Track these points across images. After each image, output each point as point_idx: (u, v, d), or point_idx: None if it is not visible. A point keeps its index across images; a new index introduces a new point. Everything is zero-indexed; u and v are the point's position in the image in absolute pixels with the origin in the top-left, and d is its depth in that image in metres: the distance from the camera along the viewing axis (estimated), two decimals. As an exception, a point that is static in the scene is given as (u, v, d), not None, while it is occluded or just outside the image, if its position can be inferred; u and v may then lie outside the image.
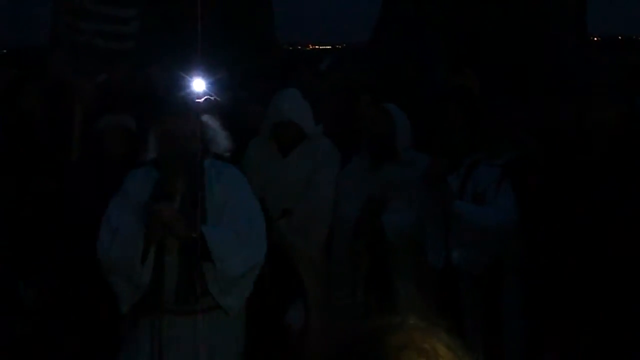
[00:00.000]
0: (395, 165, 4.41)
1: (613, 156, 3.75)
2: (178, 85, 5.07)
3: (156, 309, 3.45)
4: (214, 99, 4.85)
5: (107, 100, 5.05)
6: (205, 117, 3.69)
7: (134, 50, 5.30)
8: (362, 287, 4.36)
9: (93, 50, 5.04)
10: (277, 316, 4.01)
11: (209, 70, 5.13)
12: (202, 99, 4.81)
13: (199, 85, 4.88)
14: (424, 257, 4.24)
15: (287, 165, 4.58)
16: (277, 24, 9.70)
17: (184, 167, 3.48)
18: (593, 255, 3.63)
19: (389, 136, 4.38)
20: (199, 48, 4.56)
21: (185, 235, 3.41)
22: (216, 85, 5.12)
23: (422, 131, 4.74)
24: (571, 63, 6.73)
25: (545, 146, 4.19)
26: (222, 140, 3.72)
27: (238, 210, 3.62)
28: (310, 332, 4.15)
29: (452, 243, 4.07)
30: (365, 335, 1.14)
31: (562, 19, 7.38)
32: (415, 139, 4.53)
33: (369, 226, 4.32)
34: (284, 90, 4.66)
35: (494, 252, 4.01)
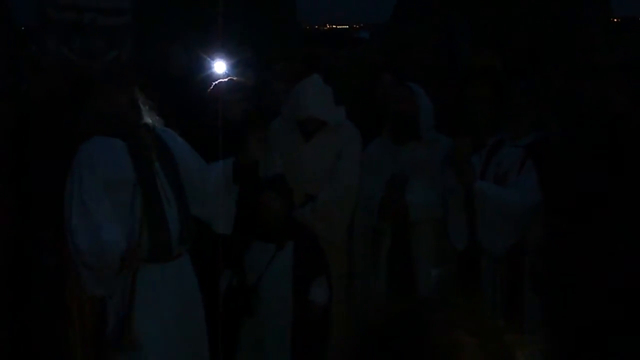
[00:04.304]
0: (417, 144, 4.40)
1: (635, 138, 3.74)
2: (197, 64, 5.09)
3: (162, 257, 3.65)
4: (236, 78, 4.85)
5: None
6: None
7: (133, 25, 5.30)
8: (384, 266, 4.38)
9: (96, 28, 5.04)
10: (301, 292, 4.04)
11: (229, 50, 5.14)
12: (225, 79, 4.83)
13: (220, 64, 4.89)
14: (446, 237, 4.26)
15: (309, 150, 4.55)
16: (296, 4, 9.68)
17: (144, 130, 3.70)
18: (613, 238, 3.62)
19: (412, 115, 4.37)
20: (220, 27, 4.56)
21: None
22: (237, 64, 5.13)
23: (445, 111, 4.74)
24: (596, 44, 6.68)
25: (568, 127, 4.18)
26: (148, 110, 3.76)
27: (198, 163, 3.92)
28: (333, 309, 4.20)
29: (474, 223, 4.07)
30: (406, 312, 1.12)
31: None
32: (437, 119, 4.52)
33: (393, 205, 4.33)
34: (305, 82, 4.54)
35: (516, 232, 4.01)
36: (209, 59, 4.97)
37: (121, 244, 3.52)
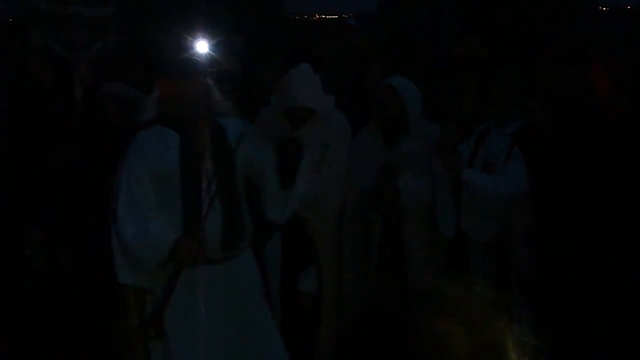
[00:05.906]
0: (408, 137, 4.39)
1: (622, 125, 3.75)
2: (183, 49, 5.07)
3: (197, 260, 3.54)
4: (223, 66, 4.83)
5: (104, 68, 5.04)
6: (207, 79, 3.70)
7: (116, 15, 5.28)
8: (374, 255, 4.39)
9: (81, 19, 5.01)
10: (290, 283, 4.05)
11: (212, 34, 5.11)
12: (211, 66, 4.80)
13: (202, 47, 4.86)
14: (436, 226, 4.28)
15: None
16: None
17: (206, 124, 3.62)
18: (602, 223, 3.64)
19: (398, 117, 4.36)
20: (202, 11, 4.54)
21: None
22: (220, 48, 5.10)
23: (432, 100, 4.74)
24: (583, 33, 6.70)
25: (554, 115, 4.19)
26: (221, 101, 3.73)
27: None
28: (323, 299, 4.21)
29: (462, 211, 4.09)
30: (394, 301, 1.11)
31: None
32: (425, 108, 4.52)
33: (384, 193, 4.33)
34: (295, 70, 4.51)
35: (504, 220, 4.03)
36: (191, 41, 4.94)
37: (168, 237, 3.48)
